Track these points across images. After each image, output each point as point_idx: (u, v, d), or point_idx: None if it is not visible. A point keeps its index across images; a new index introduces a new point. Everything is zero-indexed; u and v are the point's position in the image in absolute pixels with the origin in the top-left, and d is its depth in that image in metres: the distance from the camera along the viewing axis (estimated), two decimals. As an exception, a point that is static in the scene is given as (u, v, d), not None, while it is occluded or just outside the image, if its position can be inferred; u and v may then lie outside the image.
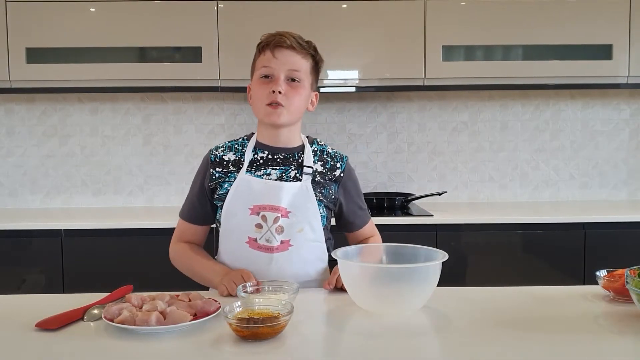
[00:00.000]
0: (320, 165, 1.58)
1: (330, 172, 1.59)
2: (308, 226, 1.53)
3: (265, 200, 1.50)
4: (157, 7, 2.76)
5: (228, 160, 1.58)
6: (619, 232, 2.66)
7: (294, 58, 1.51)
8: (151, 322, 1.13)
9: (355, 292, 1.30)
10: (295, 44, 1.51)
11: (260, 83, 1.52)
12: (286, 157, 1.57)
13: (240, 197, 1.52)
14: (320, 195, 1.55)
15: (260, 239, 1.50)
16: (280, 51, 1.50)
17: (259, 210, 1.50)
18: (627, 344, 1.10)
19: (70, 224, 2.64)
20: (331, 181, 1.58)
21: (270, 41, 1.51)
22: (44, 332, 1.15)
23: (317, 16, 2.77)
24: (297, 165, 1.56)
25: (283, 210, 1.50)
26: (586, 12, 2.80)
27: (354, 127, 3.22)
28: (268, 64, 1.51)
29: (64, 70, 2.76)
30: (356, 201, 1.66)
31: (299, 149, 1.59)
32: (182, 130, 3.18)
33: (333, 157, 1.61)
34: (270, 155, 1.57)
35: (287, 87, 1.50)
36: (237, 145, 1.60)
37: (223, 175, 1.56)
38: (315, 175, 1.56)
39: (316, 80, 1.61)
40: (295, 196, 1.51)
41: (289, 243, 1.51)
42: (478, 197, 3.24)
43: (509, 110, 3.22)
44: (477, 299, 1.38)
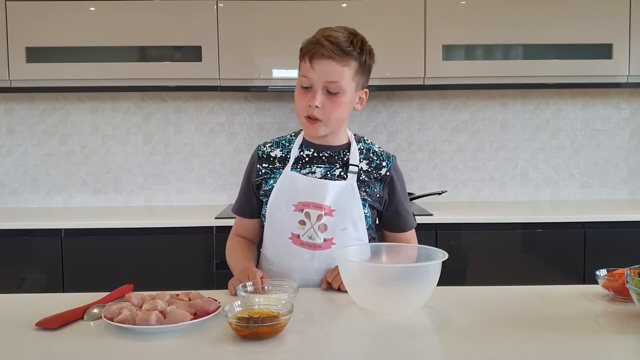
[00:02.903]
0: (365, 163, 1.57)
1: (375, 170, 1.57)
2: (351, 225, 1.52)
3: (310, 198, 1.50)
4: (157, 7, 2.76)
5: (275, 157, 1.58)
6: (619, 231, 2.66)
7: (333, 68, 1.43)
8: (151, 321, 1.13)
9: (355, 292, 1.30)
10: (336, 52, 1.42)
11: (300, 92, 1.49)
12: (331, 155, 1.56)
13: (284, 193, 1.52)
14: (365, 194, 1.54)
15: (303, 235, 1.50)
16: (319, 62, 1.43)
17: (303, 207, 1.50)
18: (627, 343, 1.10)
19: (70, 223, 2.64)
20: (376, 180, 1.56)
21: (309, 50, 1.45)
22: (44, 332, 1.16)
23: (317, 16, 2.76)
24: (342, 163, 1.55)
25: (327, 209, 1.49)
26: (586, 11, 2.80)
27: (354, 126, 3.21)
28: (306, 74, 1.46)
29: (63, 69, 2.76)
30: (401, 202, 1.61)
31: (345, 147, 1.58)
32: (183, 129, 3.18)
33: (379, 155, 1.59)
34: (316, 153, 1.56)
35: (325, 99, 1.46)
36: (285, 141, 1.60)
37: (269, 171, 1.57)
38: (360, 173, 1.54)
39: (366, 79, 1.54)
40: (340, 195, 1.50)
41: (331, 241, 1.51)
42: (478, 197, 3.24)
43: (509, 109, 3.22)
44: (477, 299, 1.38)
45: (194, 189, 3.19)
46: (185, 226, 2.61)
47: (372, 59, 1.52)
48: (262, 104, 3.18)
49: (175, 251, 2.60)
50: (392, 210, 1.61)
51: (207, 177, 3.19)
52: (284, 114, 3.18)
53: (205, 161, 3.19)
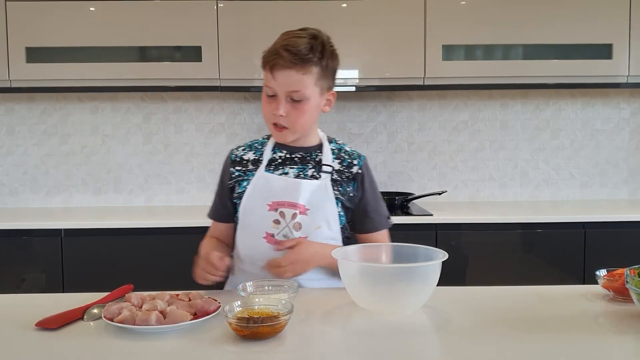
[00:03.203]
0: (337, 163, 1.58)
1: (347, 169, 1.57)
2: (325, 224, 1.53)
3: (284, 197, 1.51)
4: (157, 7, 2.76)
5: (248, 159, 1.59)
6: (619, 231, 2.66)
7: (293, 77, 1.44)
8: (151, 321, 1.13)
9: (355, 292, 1.30)
10: (295, 62, 1.42)
11: (265, 101, 1.51)
12: (304, 156, 1.57)
13: (258, 194, 1.53)
14: (338, 192, 1.55)
15: (278, 234, 1.51)
16: (279, 72, 1.44)
17: (277, 207, 1.51)
18: (627, 343, 1.10)
19: (70, 223, 2.64)
20: (349, 179, 1.57)
21: (269, 61, 1.45)
22: (44, 332, 1.16)
23: (317, 16, 2.76)
24: (314, 163, 1.57)
25: (301, 207, 1.50)
26: (586, 11, 2.80)
27: (354, 126, 3.22)
28: (269, 84, 1.47)
29: (63, 69, 2.76)
30: (368, 202, 1.60)
31: (317, 148, 1.59)
32: (183, 130, 3.18)
33: (350, 154, 1.60)
34: (289, 154, 1.57)
35: (290, 107, 1.47)
36: (257, 144, 1.62)
37: (242, 173, 1.57)
38: (333, 173, 1.56)
39: (331, 80, 1.54)
40: (314, 194, 1.52)
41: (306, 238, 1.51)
42: (478, 197, 3.24)
43: (509, 109, 3.22)
44: (477, 299, 1.38)
45: (194, 189, 3.19)
46: (185, 226, 2.61)
47: (334, 61, 1.52)
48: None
49: (175, 251, 2.60)
50: (360, 210, 1.60)
51: (207, 177, 3.19)
52: (284, 114, 3.18)
53: (205, 161, 3.19)
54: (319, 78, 1.47)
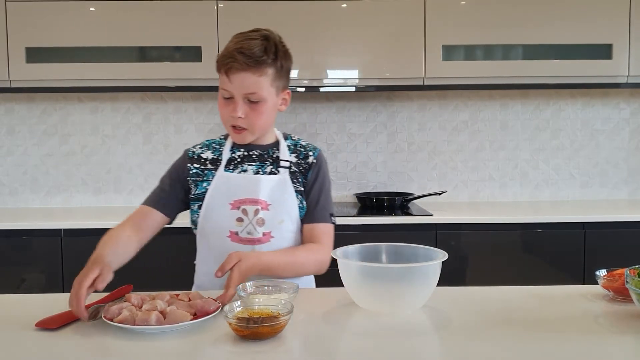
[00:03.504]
0: (294, 156, 1.60)
1: (304, 160, 1.60)
2: (288, 218, 1.54)
3: (245, 194, 1.52)
4: (157, 7, 2.76)
5: (206, 158, 1.59)
6: (619, 231, 2.66)
7: (249, 80, 1.45)
8: (151, 321, 1.13)
9: (355, 292, 1.30)
10: (250, 64, 1.43)
11: (222, 103, 1.51)
12: (261, 153, 1.59)
13: (220, 194, 1.53)
14: (299, 184, 1.57)
15: (242, 232, 1.51)
16: (235, 75, 1.45)
17: (240, 205, 1.52)
18: (627, 343, 1.10)
19: (70, 224, 2.64)
20: (306, 170, 1.59)
21: (224, 64, 1.46)
22: (44, 332, 1.16)
23: (317, 16, 2.77)
24: (272, 160, 1.58)
25: (263, 203, 1.52)
26: (586, 11, 2.80)
27: (353, 126, 3.22)
28: (225, 87, 1.48)
29: (63, 69, 2.76)
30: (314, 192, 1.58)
31: (274, 145, 1.61)
32: (182, 130, 3.18)
33: (306, 147, 1.63)
34: (246, 152, 1.59)
35: (248, 109, 1.48)
36: (215, 144, 1.63)
37: (200, 172, 1.57)
38: (291, 167, 1.58)
39: (286, 80, 1.56)
40: (274, 189, 1.53)
41: (270, 235, 1.52)
42: (478, 197, 3.24)
43: (509, 109, 3.22)
44: (477, 299, 1.38)
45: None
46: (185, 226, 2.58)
47: (288, 61, 1.54)
48: (262, 104, 3.17)
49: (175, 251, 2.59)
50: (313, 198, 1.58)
51: (207, 177, 3.18)
52: (283, 114, 3.18)
53: (205, 161, 3.19)
54: (274, 79, 1.49)
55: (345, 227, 2.62)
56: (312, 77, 2.80)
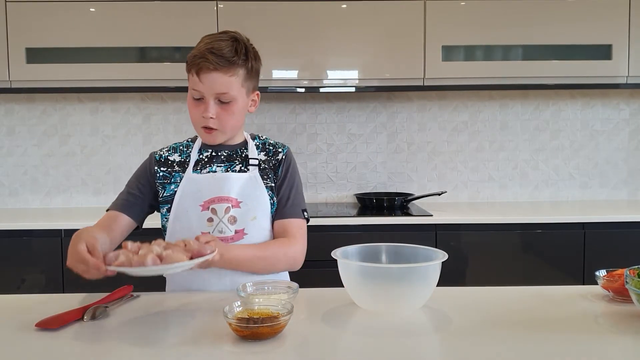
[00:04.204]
0: (263, 154, 1.61)
1: (273, 157, 1.61)
2: (261, 214, 1.54)
3: (214, 193, 1.52)
4: (157, 7, 2.76)
5: (173, 161, 1.58)
6: (619, 232, 2.66)
7: (220, 80, 1.46)
8: (147, 263, 1.13)
9: (355, 292, 1.30)
10: (221, 64, 1.45)
11: (193, 104, 1.51)
12: (230, 153, 1.59)
13: (188, 196, 1.52)
14: (269, 180, 1.57)
15: (213, 231, 1.51)
16: (206, 75, 1.46)
17: (209, 205, 1.51)
18: (626, 344, 1.10)
19: (70, 224, 2.64)
20: (276, 167, 1.60)
21: (195, 64, 1.46)
22: (44, 332, 1.16)
23: (317, 16, 2.77)
24: (241, 159, 1.58)
25: (233, 201, 1.51)
26: (586, 12, 2.80)
27: (353, 127, 3.22)
28: (196, 88, 1.48)
29: (63, 70, 2.76)
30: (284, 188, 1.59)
31: (242, 145, 1.61)
32: (182, 130, 3.18)
33: (274, 145, 1.64)
34: (214, 153, 1.59)
35: (219, 109, 1.49)
36: (182, 147, 1.62)
37: (168, 174, 1.57)
38: (260, 164, 1.58)
39: (256, 81, 1.57)
40: (244, 186, 1.53)
41: (243, 232, 1.52)
42: (478, 197, 3.25)
43: (508, 110, 3.22)
44: (476, 299, 1.38)
45: (194, 190, 3.18)
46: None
47: (258, 62, 1.56)
48: (262, 105, 3.18)
49: (175, 252, 2.60)
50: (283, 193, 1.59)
51: (207, 177, 3.18)
52: (283, 115, 3.18)
53: (205, 162, 3.19)
54: (244, 79, 1.51)
55: (345, 228, 2.62)
56: (312, 77, 2.80)
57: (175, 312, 1.31)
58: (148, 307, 1.34)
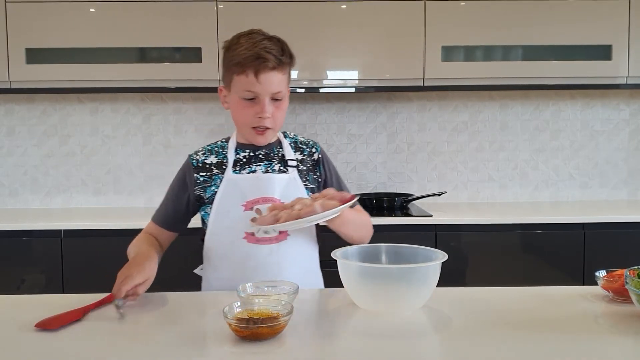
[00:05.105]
0: (299, 154, 1.61)
1: (309, 157, 1.62)
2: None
3: (257, 194, 1.52)
4: (157, 7, 2.76)
5: (210, 163, 1.58)
6: (619, 232, 2.66)
7: (276, 79, 1.47)
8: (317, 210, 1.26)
9: (355, 292, 1.30)
10: (277, 63, 1.46)
11: (244, 105, 1.50)
12: (267, 152, 1.59)
13: (230, 196, 1.53)
14: (308, 182, 1.58)
15: (258, 232, 1.51)
16: (264, 75, 1.46)
17: (252, 205, 1.51)
18: (626, 344, 1.10)
19: (70, 224, 2.64)
20: (313, 167, 1.61)
21: (253, 64, 1.45)
22: (44, 332, 1.16)
23: (317, 16, 2.77)
24: (279, 159, 1.59)
25: (277, 202, 1.51)
26: (586, 12, 2.80)
27: (353, 127, 3.22)
28: (252, 89, 1.47)
29: (63, 70, 2.76)
30: (339, 176, 1.67)
31: (277, 144, 1.62)
32: (182, 130, 3.18)
33: (307, 144, 1.65)
34: (252, 152, 1.58)
35: (272, 107, 1.50)
36: (217, 148, 1.61)
37: (207, 178, 1.56)
38: (298, 165, 1.59)
39: None
40: (286, 187, 1.54)
41: (286, 233, 1.52)
42: (478, 197, 3.25)
43: (508, 110, 3.22)
44: (476, 299, 1.38)
45: (194, 190, 3.19)
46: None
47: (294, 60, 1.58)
48: (262, 105, 3.18)
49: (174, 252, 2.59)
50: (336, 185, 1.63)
51: (206, 178, 3.18)
52: (283, 115, 3.18)
53: (205, 162, 3.19)
54: (289, 77, 1.55)
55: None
56: (312, 77, 2.80)
57: (175, 312, 1.31)
58: (148, 307, 1.34)
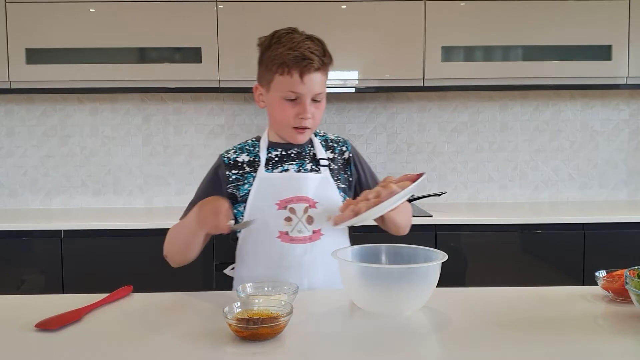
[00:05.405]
0: (330, 152, 1.61)
1: (340, 156, 1.61)
2: (335, 214, 1.52)
3: (291, 193, 1.51)
4: (157, 8, 2.77)
5: (243, 162, 1.57)
6: (619, 232, 2.66)
7: (319, 79, 1.48)
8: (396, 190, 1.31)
9: (355, 292, 1.30)
10: (321, 64, 1.46)
11: (286, 105, 1.49)
12: (299, 151, 1.59)
13: (264, 195, 1.52)
14: (339, 181, 1.58)
15: (292, 231, 1.50)
16: (309, 76, 1.45)
17: (286, 204, 1.51)
18: (626, 344, 1.10)
19: (70, 225, 2.64)
20: (344, 165, 1.61)
21: (297, 65, 1.44)
22: (44, 333, 1.16)
23: (317, 16, 2.77)
24: (310, 158, 1.58)
25: (311, 201, 1.51)
26: (586, 12, 2.80)
27: (353, 127, 3.22)
28: (295, 90, 1.46)
29: (63, 70, 2.77)
30: (372, 172, 1.67)
31: (308, 143, 1.61)
32: (182, 131, 3.18)
33: (337, 142, 1.65)
34: (284, 151, 1.58)
35: (313, 108, 1.50)
36: (248, 146, 1.60)
37: (240, 177, 1.56)
38: (330, 164, 1.58)
39: None
40: (319, 187, 1.54)
41: (320, 232, 1.52)
42: (477, 198, 3.25)
43: (508, 110, 3.22)
44: (476, 300, 1.38)
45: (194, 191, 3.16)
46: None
47: None
48: (262, 105, 3.18)
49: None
50: (371, 182, 1.63)
51: (206, 178, 3.18)
52: (283, 115, 3.18)
53: (205, 163, 3.19)
54: (327, 77, 1.54)
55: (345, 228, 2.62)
56: (312, 78, 2.80)
57: (175, 312, 1.31)
58: (148, 307, 1.34)
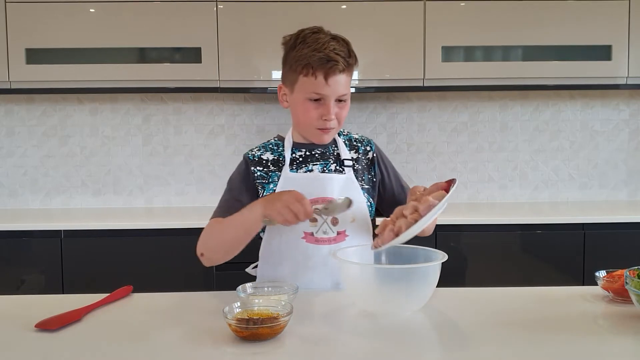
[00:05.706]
0: (354, 152, 1.60)
1: (364, 156, 1.61)
2: (359, 215, 1.53)
3: (316, 194, 1.50)
4: (157, 8, 2.76)
5: (267, 160, 1.56)
6: (619, 232, 2.66)
7: (344, 81, 1.47)
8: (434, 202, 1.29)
9: (355, 292, 1.30)
10: (346, 65, 1.45)
11: (310, 106, 1.48)
12: (323, 152, 1.58)
13: None
14: (363, 182, 1.57)
15: (317, 232, 1.50)
16: (334, 78, 1.44)
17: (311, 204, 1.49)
18: (626, 344, 1.10)
19: (70, 225, 2.64)
20: (368, 166, 1.60)
21: (322, 66, 1.43)
22: (44, 333, 1.16)
23: (317, 17, 2.76)
24: (334, 158, 1.58)
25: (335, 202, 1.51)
26: (586, 12, 2.80)
27: (353, 127, 3.22)
28: (320, 91, 1.45)
29: (63, 70, 2.76)
30: (396, 172, 1.66)
31: (332, 143, 1.60)
32: (182, 131, 3.18)
33: (361, 141, 1.63)
34: (308, 152, 1.57)
35: (337, 109, 1.49)
36: (272, 145, 1.60)
37: (265, 174, 1.55)
38: (354, 164, 1.58)
39: None
40: (343, 188, 1.53)
41: (344, 233, 1.52)
42: (478, 198, 3.24)
43: (508, 110, 3.22)
44: (476, 300, 1.38)
45: (194, 191, 3.19)
46: (184, 227, 2.61)
47: None
48: (262, 106, 3.18)
49: (174, 252, 2.60)
50: (386, 190, 1.62)
51: (206, 178, 3.19)
52: (283, 115, 3.18)
53: (205, 163, 3.19)
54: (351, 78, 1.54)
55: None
56: (312, 78, 2.80)
57: (175, 312, 1.31)
58: (148, 307, 1.34)
